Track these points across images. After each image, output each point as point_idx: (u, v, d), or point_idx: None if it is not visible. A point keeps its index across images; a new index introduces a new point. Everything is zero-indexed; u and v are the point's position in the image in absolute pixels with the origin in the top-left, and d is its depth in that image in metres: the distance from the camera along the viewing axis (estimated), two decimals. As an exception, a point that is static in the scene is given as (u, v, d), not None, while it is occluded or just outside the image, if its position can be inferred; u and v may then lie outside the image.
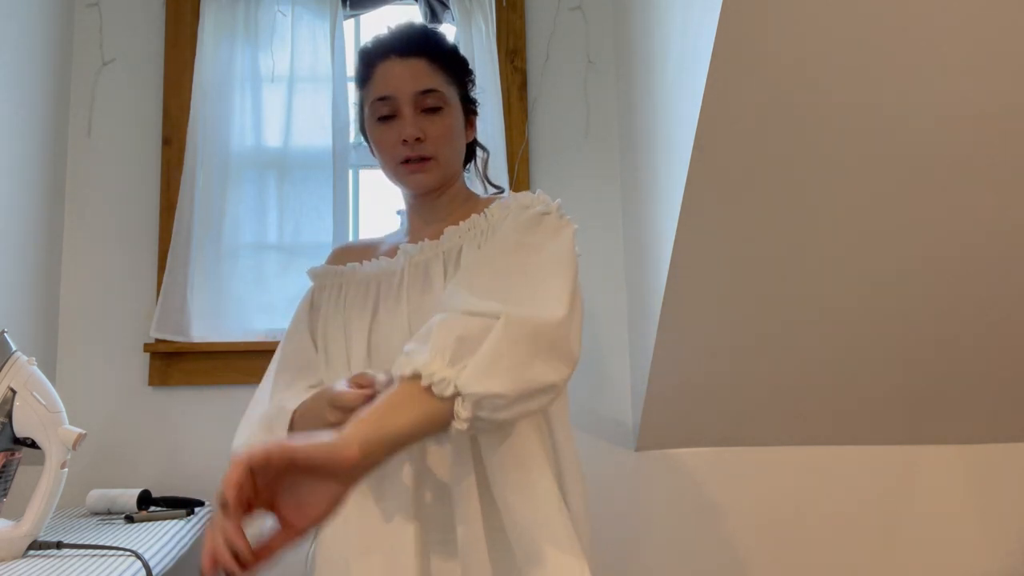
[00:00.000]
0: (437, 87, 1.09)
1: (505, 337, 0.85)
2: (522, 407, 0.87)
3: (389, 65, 1.09)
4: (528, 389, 0.86)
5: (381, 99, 1.09)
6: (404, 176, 1.10)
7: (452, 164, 1.13)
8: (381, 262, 1.12)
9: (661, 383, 1.68)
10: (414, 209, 1.17)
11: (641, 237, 1.76)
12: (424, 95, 1.08)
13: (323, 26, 1.98)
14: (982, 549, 1.84)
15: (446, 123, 1.09)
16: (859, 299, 1.52)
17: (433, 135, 1.08)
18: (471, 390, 0.82)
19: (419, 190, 1.12)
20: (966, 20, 1.11)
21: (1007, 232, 1.41)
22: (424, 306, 1.03)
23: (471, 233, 1.06)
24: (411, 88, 1.07)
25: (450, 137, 1.10)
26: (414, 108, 1.07)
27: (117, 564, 1.18)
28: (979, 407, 1.76)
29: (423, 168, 1.09)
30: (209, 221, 1.89)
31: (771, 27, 1.12)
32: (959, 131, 1.25)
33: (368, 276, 1.12)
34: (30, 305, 1.78)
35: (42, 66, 1.85)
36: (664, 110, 1.50)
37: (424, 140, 1.07)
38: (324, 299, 1.16)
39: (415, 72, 1.08)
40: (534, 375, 0.86)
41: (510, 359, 0.85)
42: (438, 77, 1.09)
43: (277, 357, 1.16)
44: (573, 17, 2.05)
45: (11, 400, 1.20)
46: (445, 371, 0.83)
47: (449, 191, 1.15)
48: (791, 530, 1.84)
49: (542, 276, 0.95)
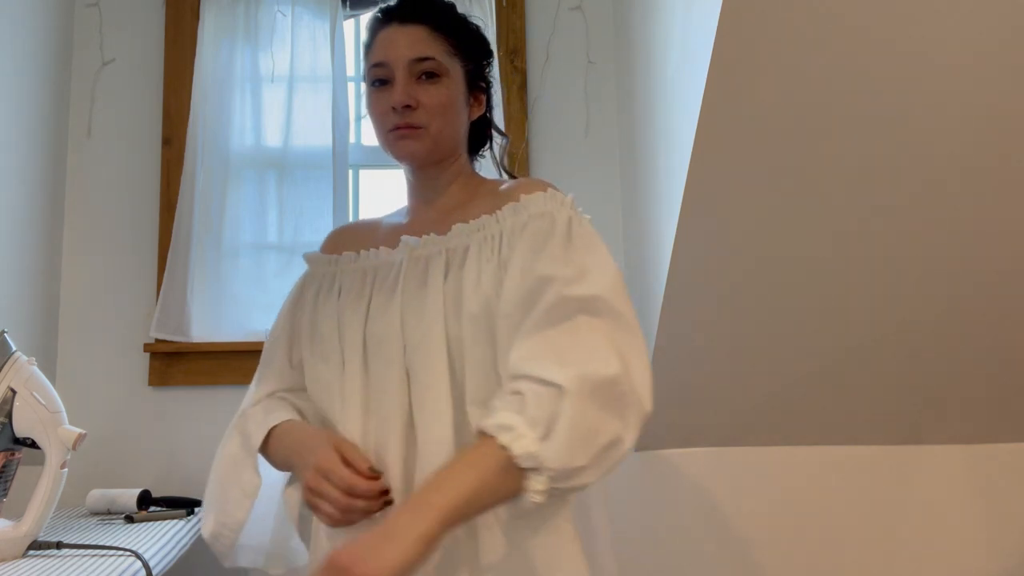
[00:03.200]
0: (435, 55, 1.04)
1: (578, 407, 0.83)
2: (599, 472, 0.86)
3: (389, 31, 1.06)
4: (603, 455, 0.85)
5: (377, 65, 1.05)
6: (392, 143, 1.06)
7: (446, 137, 1.06)
8: (381, 253, 1.08)
9: (661, 383, 1.67)
10: (412, 186, 1.13)
11: (641, 237, 1.76)
12: (419, 62, 1.03)
13: (323, 26, 1.98)
14: (982, 549, 1.84)
15: (441, 92, 1.04)
16: (859, 299, 1.52)
17: (426, 103, 1.03)
18: (553, 465, 0.81)
19: (406, 159, 1.07)
20: (967, 19, 1.11)
21: (1007, 232, 1.41)
22: (417, 304, 1.00)
23: (480, 235, 1.01)
24: (407, 54, 1.03)
25: (444, 108, 1.04)
26: (408, 75, 1.03)
27: (117, 564, 1.18)
28: (979, 407, 1.76)
29: (411, 135, 1.03)
30: (209, 221, 1.89)
31: (771, 27, 1.12)
32: (960, 133, 1.25)
33: (364, 267, 1.09)
34: (30, 305, 1.78)
35: (42, 66, 1.85)
36: (664, 110, 1.50)
37: (416, 108, 1.02)
38: (312, 290, 1.12)
39: (413, 39, 1.04)
40: (606, 438, 0.85)
41: (584, 428, 0.83)
42: (437, 45, 1.05)
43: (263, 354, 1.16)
44: (573, 17, 2.05)
45: (11, 400, 1.20)
46: (534, 445, 0.81)
47: (449, 168, 1.09)
48: (791, 530, 1.84)
49: (591, 328, 0.90)
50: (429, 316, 0.99)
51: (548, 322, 0.90)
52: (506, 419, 0.83)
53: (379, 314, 1.03)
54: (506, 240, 0.99)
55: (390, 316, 1.01)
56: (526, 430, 0.82)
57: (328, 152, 1.93)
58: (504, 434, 0.82)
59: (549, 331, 0.89)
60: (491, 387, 0.95)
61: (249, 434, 1.04)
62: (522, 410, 0.84)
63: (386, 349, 1.01)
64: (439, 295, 0.99)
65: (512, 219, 1.00)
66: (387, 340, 1.01)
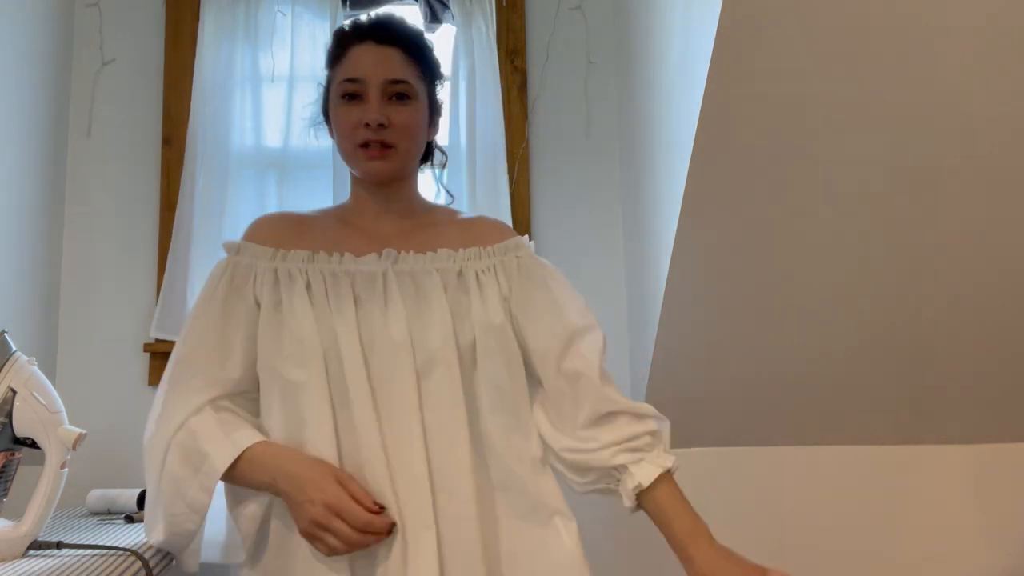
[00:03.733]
0: (408, 79, 1.09)
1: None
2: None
3: (364, 49, 1.09)
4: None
5: (350, 80, 1.08)
6: (362, 161, 1.10)
7: (411, 157, 1.14)
8: (348, 259, 1.08)
9: (661, 384, 1.68)
10: (364, 188, 1.16)
11: (641, 237, 1.76)
12: (394, 83, 1.08)
13: (323, 26, 1.98)
14: (982, 549, 1.84)
15: (412, 115, 1.10)
16: (859, 299, 1.52)
17: (398, 123, 1.08)
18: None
19: (375, 178, 1.12)
20: (972, 18, 1.11)
21: (1007, 232, 1.41)
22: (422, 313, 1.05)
23: (475, 263, 1.10)
24: (382, 74, 1.08)
25: (414, 129, 1.10)
26: (381, 94, 1.07)
27: (117, 564, 1.17)
28: (979, 407, 1.76)
29: (383, 155, 1.08)
30: (209, 221, 1.89)
31: (771, 27, 1.12)
32: (961, 131, 1.25)
33: (335, 270, 1.08)
34: (30, 305, 1.78)
35: (42, 66, 1.85)
36: (664, 110, 1.50)
37: (388, 127, 1.07)
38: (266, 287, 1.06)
39: (388, 60, 1.09)
40: None
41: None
42: (410, 70, 1.10)
43: (177, 353, 1.05)
44: (573, 17, 2.05)
45: (11, 400, 1.20)
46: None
47: (404, 184, 1.16)
48: (791, 530, 1.84)
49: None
50: (439, 326, 1.04)
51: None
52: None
53: (373, 323, 1.04)
54: (502, 273, 1.12)
55: (394, 329, 1.03)
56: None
57: (328, 152, 1.93)
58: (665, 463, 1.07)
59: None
60: (504, 399, 1.07)
61: (204, 453, 0.98)
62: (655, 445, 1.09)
63: (392, 356, 1.02)
64: (445, 309, 1.05)
65: (503, 256, 1.13)
66: (391, 353, 1.02)
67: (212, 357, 1.04)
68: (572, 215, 2.00)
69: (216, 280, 1.08)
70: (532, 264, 1.14)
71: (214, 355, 1.04)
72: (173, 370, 1.05)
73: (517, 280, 1.12)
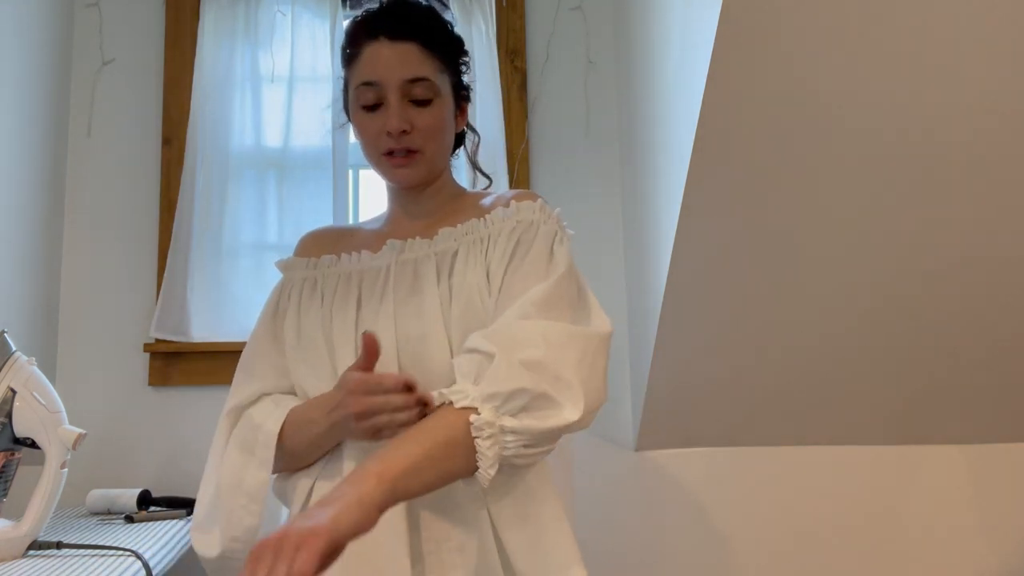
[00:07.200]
0: (428, 75, 1.02)
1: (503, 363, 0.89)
2: (533, 435, 0.88)
3: (377, 47, 1.02)
4: (534, 407, 0.88)
5: (366, 84, 1.02)
6: (388, 170, 1.06)
7: (439, 158, 1.08)
8: (364, 257, 1.07)
9: (661, 383, 1.68)
10: (396, 199, 1.13)
11: (641, 237, 1.76)
12: (413, 83, 1.01)
13: (323, 26, 1.98)
14: (982, 549, 1.84)
15: (435, 115, 1.03)
16: (859, 299, 1.52)
17: (421, 127, 1.02)
18: (489, 390, 0.87)
19: (403, 185, 1.08)
20: (973, 17, 1.11)
21: (1007, 232, 1.41)
22: (412, 307, 1.00)
23: (468, 238, 1.03)
24: (399, 75, 1.01)
25: (439, 130, 1.05)
26: (401, 97, 1.01)
27: (117, 564, 1.18)
28: (979, 407, 1.76)
29: (408, 162, 1.03)
30: (209, 221, 1.89)
31: (771, 27, 1.12)
32: (962, 131, 1.25)
33: (349, 271, 1.07)
34: (30, 305, 1.78)
35: (42, 66, 1.85)
36: (664, 110, 1.50)
37: (411, 132, 1.02)
38: (294, 297, 1.09)
39: (405, 58, 1.01)
40: (533, 394, 0.88)
41: (510, 377, 0.88)
42: (429, 64, 1.03)
43: (242, 359, 1.11)
44: (573, 17, 2.05)
45: (11, 400, 1.20)
46: (467, 387, 0.88)
47: (435, 184, 1.10)
48: (791, 530, 1.84)
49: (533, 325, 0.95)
50: (428, 318, 0.99)
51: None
52: (446, 389, 0.90)
53: (372, 319, 1.02)
54: (492, 242, 1.01)
55: (383, 323, 1.00)
56: (462, 383, 0.89)
57: (328, 152, 1.93)
58: (441, 396, 0.89)
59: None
60: None
61: (257, 425, 1.00)
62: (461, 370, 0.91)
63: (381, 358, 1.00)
64: (435, 298, 1.00)
65: (500, 223, 1.02)
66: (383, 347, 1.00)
67: (266, 361, 1.08)
68: (572, 215, 1.98)
69: (272, 295, 1.13)
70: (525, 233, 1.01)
71: (268, 359, 1.08)
72: (239, 375, 1.10)
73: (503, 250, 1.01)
